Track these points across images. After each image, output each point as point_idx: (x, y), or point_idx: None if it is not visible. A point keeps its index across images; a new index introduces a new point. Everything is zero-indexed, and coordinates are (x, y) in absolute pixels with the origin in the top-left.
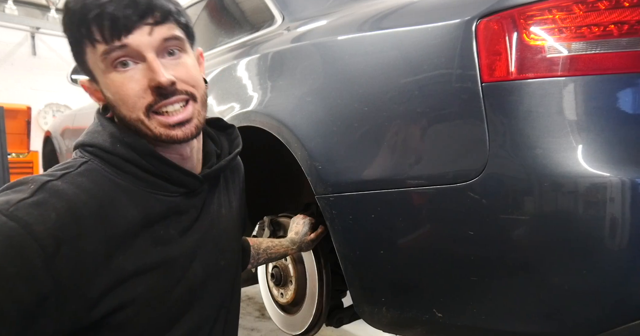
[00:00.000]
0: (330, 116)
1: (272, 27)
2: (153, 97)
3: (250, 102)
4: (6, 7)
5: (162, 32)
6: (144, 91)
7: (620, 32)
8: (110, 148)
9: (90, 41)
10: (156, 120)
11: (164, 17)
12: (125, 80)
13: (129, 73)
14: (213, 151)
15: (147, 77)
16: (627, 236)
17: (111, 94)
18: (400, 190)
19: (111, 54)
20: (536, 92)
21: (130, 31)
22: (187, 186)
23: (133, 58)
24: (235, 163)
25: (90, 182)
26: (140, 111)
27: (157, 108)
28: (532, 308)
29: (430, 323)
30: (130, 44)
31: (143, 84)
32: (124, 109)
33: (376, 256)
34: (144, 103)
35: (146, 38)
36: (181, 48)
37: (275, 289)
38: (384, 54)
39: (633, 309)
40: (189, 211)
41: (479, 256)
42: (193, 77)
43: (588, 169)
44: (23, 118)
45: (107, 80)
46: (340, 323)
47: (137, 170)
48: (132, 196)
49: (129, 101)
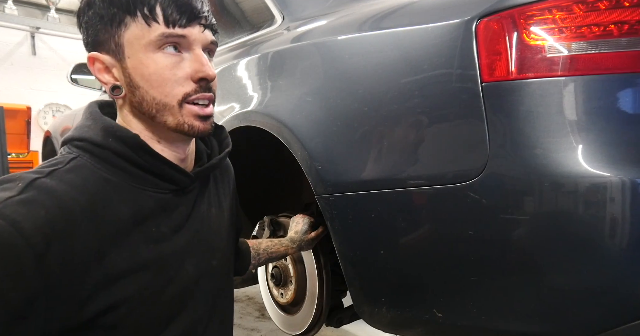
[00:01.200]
0: (330, 116)
1: (272, 27)
2: (193, 87)
3: (250, 102)
4: (6, 7)
5: (208, 35)
6: (184, 79)
7: (620, 32)
8: (102, 142)
9: (146, 20)
10: (188, 109)
11: (210, 24)
12: (171, 64)
13: (175, 58)
14: (203, 150)
15: (193, 68)
16: (627, 236)
17: (143, 74)
18: (400, 190)
19: (168, 39)
20: (536, 92)
21: (192, 24)
22: (177, 183)
23: (183, 48)
24: (225, 164)
25: (79, 178)
26: (176, 98)
27: (193, 99)
28: (532, 308)
29: (430, 323)
30: (187, 36)
31: (187, 73)
32: (156, 92)
33: (376, 256)
34: (182, 91)
35: (200, 34)
36: (213, 53)
37: (275, 289)
38: (384, 54)
39: (633, 309)
40: (179, 209)
41: (479, 256)
42: (215, 81)
43: (588, 169)
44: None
45: (146, 59)
46: (340, 323)
47: (128, 165)
48: (122, 192)
49: (167, 84)
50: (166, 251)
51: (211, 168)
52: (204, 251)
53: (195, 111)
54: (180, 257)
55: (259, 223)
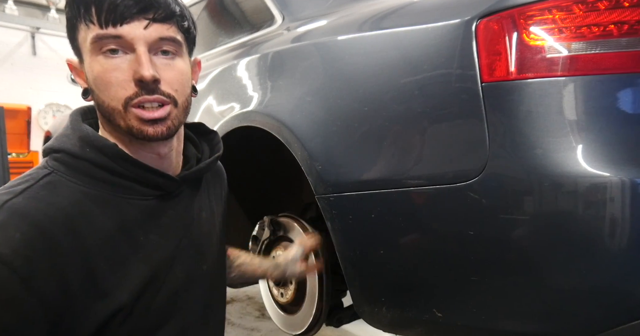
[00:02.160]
0: (330, 116)
1: (272, 27)
2: (134, 90)
3: (250, 102)
4: (6, 7)
5: (159, 30)
6: (127, 82)
7: (620, 32)
8: (79, 153)
9: (84, 21)
10: (133, 113)
11: (165, 17)
12: (111, 67)
13: (115, 61)
14: (193, 154)
15: (133, 69)
16: (627, 236)
17: (93, 78)
18: (400, 190)
19: (103, 40)
20: (536, 92)
21: (127, 21)
22: (162, 188)
23: (124, 48)
24: (217, 169)
25: (53, 195)
26: (120, 101)
27: (136, 103)
28: (532, 308)
29: (430, 323)
30: (123, 35)
31: (128, 75)
32: (103, 95)
33: (376, 256)
34: (124, 94)
35: (141, 31)
36: (176, 51)
37: (275, 289)
38: (384, 54)
39: (633, 309)
40: (166, 213)
41: (479, 256)
42: (180, 82)
43: (588, 169)
44: (23, 118)
45: (93, 62)
46: (340, 323)
47: (107, 175)
48: (103, 204)
49: (110, 88)
50: (156, 258)
51: (198, 171)
52: (193, 255)
53: (139, 115)
54: (169, 262)
55: (259, 223)
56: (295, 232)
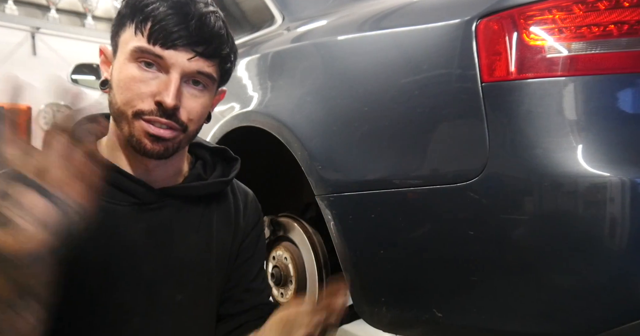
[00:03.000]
0: (330, 116)
1: (272, 27)
2: (151, 107)
3: (250, 102)
4: (6, 7)
5: (200, 65)
6: (147, 97)
7: (620, 32)
8: None
9: (135, 27)
10: (140, 124)
11: (211, 55)
12: (140, 78)
13: (147, 74)
14: (197, 175)
15: (158, 89)
16: (627, 236)
17: (119, 79)
18: (400, 190)
19: (144, 54)
20: (536, 92)
21: (177, 48)
22: (137, 196)
23: (159, 66)
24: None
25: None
26: (132, 109)
27: (147, 119)
28: (532, 308)
29: (430, 323)
30: (165, 58)
31: (150, 91)
32: (119, 98)
33: (376, 256)
34: (139, 107)
35: (183, 61)
36: (207, 86)
37: (275, 289)
38: (384, 54)
39: (633, 309)
40: (138, 226)
41: (479, 256)
42: (198, 114)
43: (588, 169)
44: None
45: (125, 66)
46: (340, 323)
47: None
48: None
49: (128, 95)
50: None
51: (186, 189)
52: (166, 281)
53: (145, 128)
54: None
55: None
56: (295, 232)
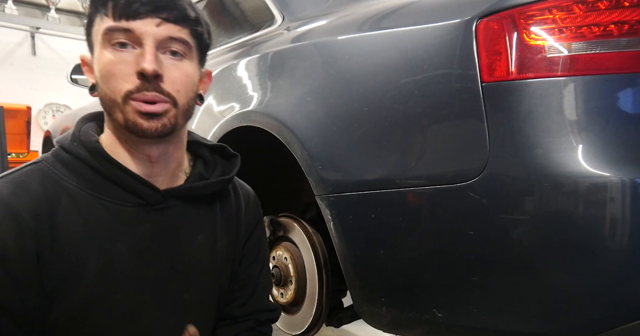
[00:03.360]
0: (330, 116)
1: (272, 27)
2: (136, 84)
3: (250, 102)
4: (6, 7)
5: (170, 30)
6: (130, 75)
7: (621, 32)
8: (68, 146)
9: (100, 14)
10: (132, 106)
11: (178, 18)
12: (118, 59)
13: (122, 54)
14: (198, 174)
15: (137, 62)
16: (627, 236)
17: (99, 69)
18: (400, 190)
19: (114, 33)
20: (536, 92)
21: (140, 17)
22: (143, 197)
23: (133, 43)
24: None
25: (31, 181)
26: (120, 94)
27: (136, 97)
28: (532, 308)
29: (430, 323)
30: (134, 29)
31: (132, 68)
32: (106, 88)
33: (376, 256)
34: (125, 87)
35: (152, 28)
36: (185, 53)
37: (275, 289)
38: (384, 54)
39: (633, 309)
40: (144, 226)
41: (479, 256)
42: (183, 84)
43: (588, 169)
44: (23, 118)
45: (101, 54)
46: (340, 323)
47: (88, 171)
48: (76, 200)
49: (112, 80)
50: (118, 269)
51: (190, 189)
52: (174, 281)
53: (136, 108)
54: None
55: None
56: (295, 232)
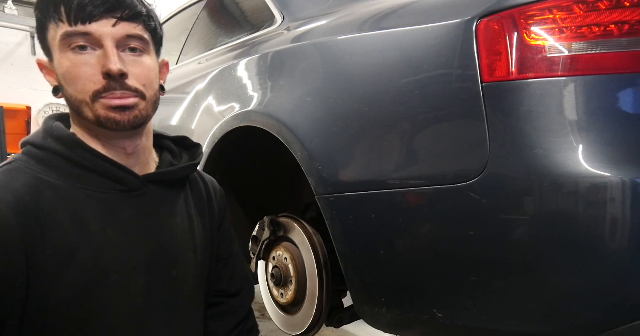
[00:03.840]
0: (330, 116)
1: (272, 27)
2: (102, 84)
3: (250, 102)
4: (6, 7)
5: (126, 28)
6: (95, 76)
7: (621, 32)
8: (41, 143)
9: (54, 19)
10: (101, 103)
11: (131, 16)
12: (80, 62)
13: (84, 56)
14: (168, 161)
15: (101, 64)
16: (627, 236)
17: (62, 73)
18: (400, 190)
19: (72, 37)
20: (536, 92)
21: (95, 19)
22: (124, 183)
23: (92, 45)
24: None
25: (7, 179)
26: (88, 94)
27: (104, 96)
28: (532, 308)
29: (430, 323)
30: (92, 32)
31: (96, 69)
32: (72, 89)
33: (376, 256)
34: (92, 88)
35: (109, 29)
36: (143, 48)
37: (275, 289)
38: (384, 54)
39: (633, 309)
40: (129, 212)
41: (479, 256)
42: (147, 77)
43: (588, 169)
44: (23, 118)
45: (62, 58)
46: (340, 323)
47: (65, 164)
48: (57, 192)
49: (78, 82)
50: (107, 252)
51: (166, 174)
52: (161, 259)
53: (106, 103)
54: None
55: (259, 223)
56: (295, 232)
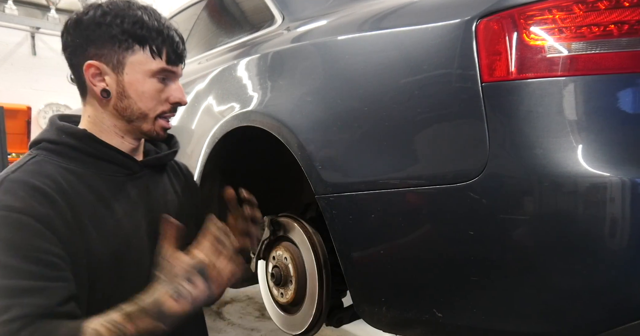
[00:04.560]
0: (330, 116)
1: (272, 27)
2: (169, 107)
3: (250, 102)
4: (6, 7)
5: (182, 70)
6: (165, 101)
7: (620, 32)
8: (57, 139)
9: (152, 52)
10: (160, 123)
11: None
12: (160, 88)
13: (162, 85)
14: (152, 150)
15: (175, 95)
16: (627, 236)
17: (137, 90)
18: (400, 190)
19: (163, 72)
20: (536, 92)
21: (176, 64)
22: (128, 167)
23: (169, 79)
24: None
25: (41, 169)
26: (155, 112)
27: (166, 116)
28: (532, 308)
29: (430, 323)
30: (175, 72)
31: (168, 97)
32: (141, 104)
33: (376, 256)
34: (160, 109)
35: (179, 70)
36: None
37: (275, 289)
38: (384, 54)
39: (633, 309)
40: (134, 191)
41: (479, 256)
42: None
43: (588, 169)
44: (23, 118)
45: (145, 81)
46: (340, 323)
47: (81, 155)
48: (80, 177)
49: (151, 102)
50: (125, 224)
51: (158, 159)
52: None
53: (164, 125)
54: (137, 231)
55: (259, 223)
56: (295, 232)
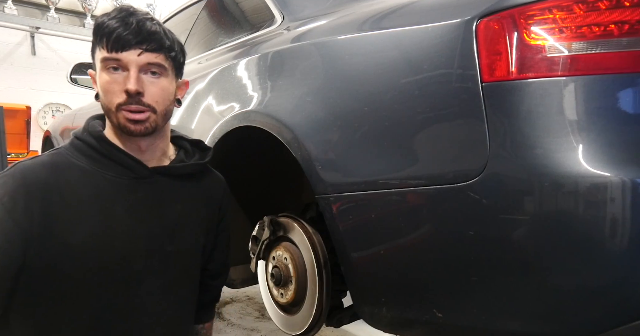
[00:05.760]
0: (330, 116)
1: (272, 27)
2: (124, 98)
3: (250, 102)
4: (6, 7)
5: (149, 57)
6: (120, 92)
7: (621, 32)
8: (80, 135)
9: (99, 45)
10: (122, 114)
11: (155, 48)
12: (111, 80)
13: (114, 76)
14: (180, 159)
15: (124, 82)
16: (628, 236)
17: (100, 86)
18: (400, 190)
19: (108, 61)
20: (536, 92)
21: (125, 50)
22: (134, 171)
23: (122, 68)
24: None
25: (50, 160)
26: (114, 105)
27: (124, 108)
28: (532, 308)
29: (430, 323)
30: (121, 59)
31: (121, 87)
32: (105, 99)
33: (376, 256)
34: (117, 101)
35: (134, 57)
36: (161, 73)
37: (275, 289)
38: (384, 54)
39: (633, 309)
40: (137, 195)
41: (479, 256)
42: (161, 96)
43: (588, 169)
44: (23, 118)
45: (101, 75)
46: (340, 323)
47: (93, 153)
48: (85, 174)
49: (108, 95)
50: (114, 224)
51: (170, 169)
52: (159, 234)
53: (125, 116)
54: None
55: (259, 223)
56: (295, 232)
